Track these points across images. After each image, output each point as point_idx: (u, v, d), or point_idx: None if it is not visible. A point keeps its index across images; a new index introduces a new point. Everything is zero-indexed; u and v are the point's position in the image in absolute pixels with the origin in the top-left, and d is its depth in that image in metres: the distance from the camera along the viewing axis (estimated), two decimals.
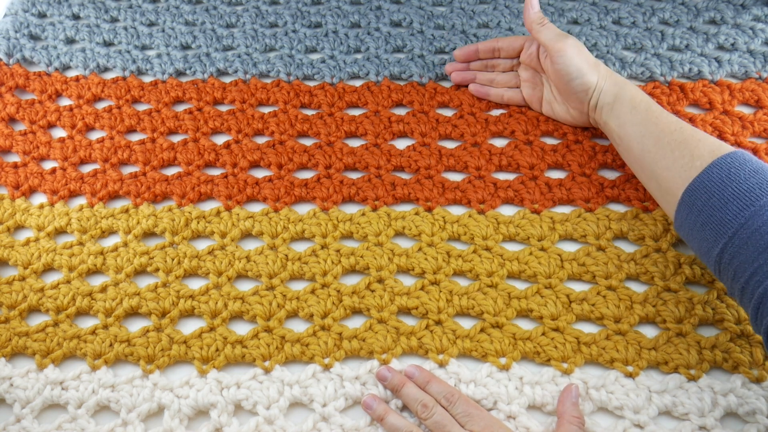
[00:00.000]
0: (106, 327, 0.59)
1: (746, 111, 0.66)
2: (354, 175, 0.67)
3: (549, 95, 0.66)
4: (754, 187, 0.47)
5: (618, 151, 0.61)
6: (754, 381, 0.52)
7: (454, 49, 0.73)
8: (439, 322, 0.57)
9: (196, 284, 0.61)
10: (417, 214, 0.63)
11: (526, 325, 0.57)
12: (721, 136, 0.64)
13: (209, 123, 0.70)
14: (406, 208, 0.64)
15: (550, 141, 0.67)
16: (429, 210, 0.63)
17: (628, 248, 0.60)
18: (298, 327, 0.58)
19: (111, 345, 0.57)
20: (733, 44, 0.70)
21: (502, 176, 0.66)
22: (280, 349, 0.57)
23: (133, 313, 0.60)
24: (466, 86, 0.71)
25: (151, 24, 0.79)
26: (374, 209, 0.64)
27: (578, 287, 0.59)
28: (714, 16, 0.73)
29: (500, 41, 0.68)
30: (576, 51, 0.60)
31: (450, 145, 0.68)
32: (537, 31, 0.61)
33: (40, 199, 0.67)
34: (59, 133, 0.72)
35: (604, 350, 0.55)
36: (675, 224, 0.53)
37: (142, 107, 0.72)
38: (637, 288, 0.58)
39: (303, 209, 0.65)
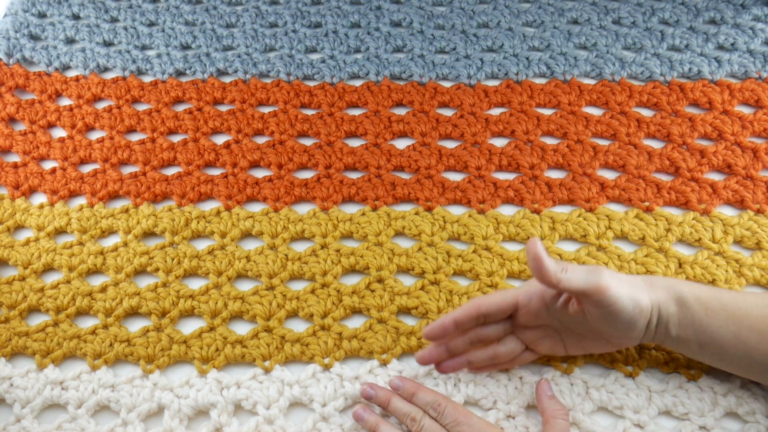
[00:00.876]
0: (106, 327, 0.59)
1: (746, 111, 0.66)
2: (354, 175, 0.67)
3: (572, 337, 0.51)
4: None
5: (704, 360, 0.50)
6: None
7: (455, 49, 0.73)
8: None
9: (196, 284, 0.61)
10: (417, 213, 0.63)
11: None
12: (721, 136, 0.64)
13: (209, 123, 0.70)
14: (406, 207, 0.64)
15: (550, 141, 0.67)
16: (429, 210, 0.63)
17: (628, 248, 0.60)
18: (298, 327, 0.58)
19: (111, 345, 0.57)
20: (733, 44, 0.70)
21: (503, 176, 0.66)
22: (280, 349, 0.57)
23: (133, 313, 0.60)
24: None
25: (151, 24, 0.79)
26: (374, 209, 0.64)
27: None
28: (714, 16, 0.73)
29: (482, 305, 0.50)
30: (617, 279, 0.46)
31: (450, 144, 0.68)
32: (566, 281, 0.44)
33: (40, 199, 0.67)
34: (59, 133, 0.72)
35: None
36: None
37: (142, 107, 0.72)
38: None
39: (303, 209, 0.65)
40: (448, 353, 0.52)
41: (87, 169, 0.68)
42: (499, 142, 0.67)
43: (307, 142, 0.69)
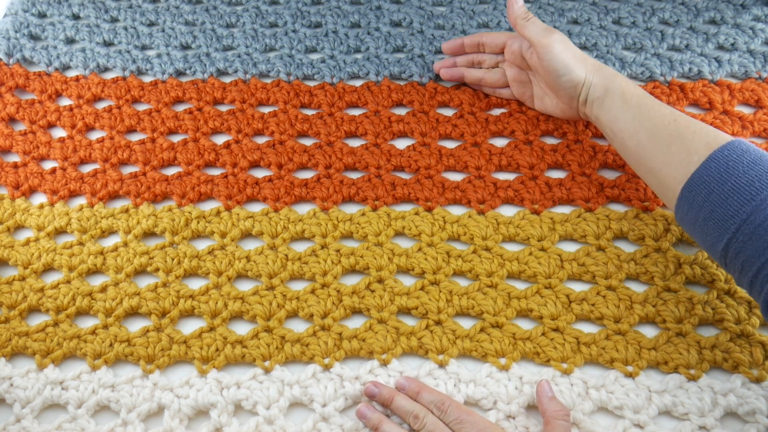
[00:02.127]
0: (106, 327, 0.59)
1: (746, 111, 0.66)
2: (354, 175, 0.67)
3: (539, 91, 0.65)
4: (754, 180, 0.46)
5: (612, 146, 0.60)
6: (754, 381, 0.52)
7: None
8: (439, 322, 0.57)
9: (196, 284, 0.61)
10: (417, 214, 0.63)
11: (525, 325, 0.57)
12: None
13: (209, 123, 0.70)
14: (406, 208, 0.64)
15: (550, 141, 0.67)
16: (429, 210, 0.63)
17: (628, 248, 0.60)
18: (298, 327, 0.58)
19: (111, 345, 0.57)
20: (733, 44, 0.70)
21: (502, 176, 0.66)
22: (280, 349, 0.57)
23: (133, 313, 0.60)
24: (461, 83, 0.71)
25: (151, 24, 0.79)
26: (374, 209, 0.64)
27: (578, 287, 0.59)
28: (714, 16, 0.73)
29: (484, 36, 0.67)
30: (563, 46, 0.59)
31: (450, 144, 0.68)
32: (522, 26, 0.60)
33: (40, 199, 0.67)
34: (59, 133, 0.72)
35: (604, 350, 0.55)
36: (676, 218, 0.53)
37: (142, 107, 0.72)
38: (637, 288, 0.58)
39: (303, 209, 0.65)
40: (453, 64, 0.70)
41: (87, 169, 0.68)
42: (499, 142, 0.67)
43: (307, 142, 0.69)
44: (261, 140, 0.69)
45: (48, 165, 0.69)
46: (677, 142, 0.51)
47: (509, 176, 0.66)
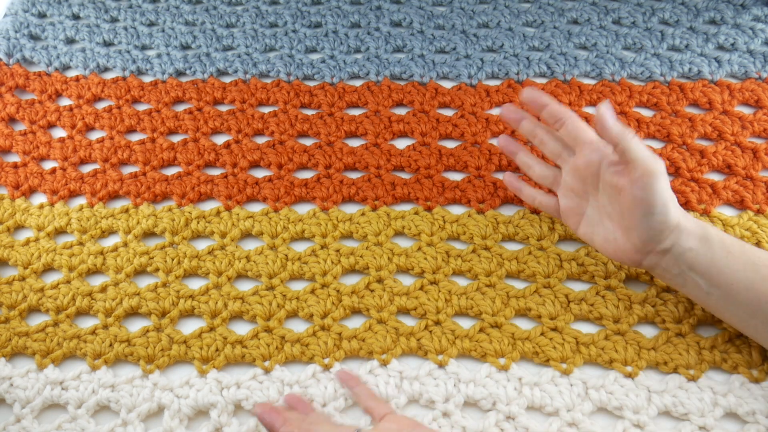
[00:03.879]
0: (106, 327, 0.59)
1: (746, 111, 0.66)
2: (354, 175, 0.67)
3: (594, 215, 0.53)
4: None
5: (702, 299, 0.51)
6: (753, 381, 0.52)
7: (455, 49, 0.73)
8: (438, 323, 0.57)
9: (196, 284, 0.61)
10: (416, 213, 0.63)
11: (524, 325, 0.57)
12: (721, 136, 0.64)
13: (209, 123, 0.70)
14: (405, 207, 0.64)
15: None
16: (428, 209, 0.63)
17: None
18: (298, 327, 0.59)
19: (111, 345, 0.57)
20: (733, 44, 0.70)
21: (502, 176, 0.66)
22: (280, 349, 0.57)
23: (133, 313, 0.60)
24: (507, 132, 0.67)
25: (151, 24, 0.79)
26: (374, 209, 0.64)
27: (577, 287, 0.59)
28: (714, 16, 0.73)
29: (570, 120, 0.54)
30: (666, 181, 0.47)
31: (450, 144, 0.68)
32: (629, 141, 0.47)
33: (40, 199, 0.68)
34: (59, 133, 0.72)
35: (603, 350, 0.55)
36: None
37: (142, 107, 0.73)
38: (637, 288, 0.58)
39: (303, 209, 0.65)
40: (516, 122, 0.59)
41: (87, 169, 0.69)
42: None
43: (307, 142, 0.69)
44: (261, 140, 0.69)
45: (48, 165, 0.69)
46: None
47: None
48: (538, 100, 0.56)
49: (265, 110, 0.71)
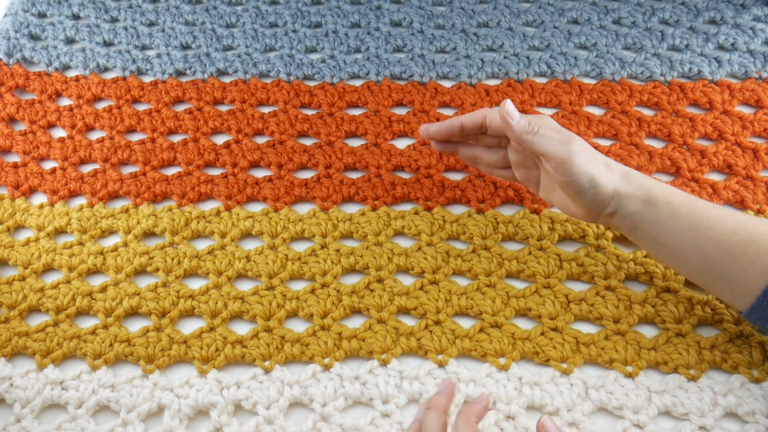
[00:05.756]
0: (106, 327, 0.59)
1: (746, 111, 0.66)
2: (354, 175, 0.67)
3: (547, 182, 0.55)
4: None
5: (653, 254, 0.53)
6: (753, 381, 0.52)
7: (455, 48, 0.73)
8: (438, 322, 0.57)
9: (196, 284, 0.61)
10: (416, 213, 0.63)
11: (524, 325, 0.57)
12: (721, 136, 0.64)
13: (209, 123, 0.70)
14: (405, 207, 0.64)
15: None
16: (428, 209, 0.63)
17: (627, 249, 0.60)
18: (298, 327, 0.59)
19: (111, 345, 0.57)
20: (733, 44, 0.70)
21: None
22: (280, 349, 0.57)
23: (133, 313, 0.60)
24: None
25: (151, 24, 0.79)
26: (374, 209, 0.64)
27: (577, 287, 0.59)
28: (714, 16, 0.73)
29: (488, 115, 0.55)
30: (585, 157, 0.49)
31: None
32: (531, 141, 0.50)
33: (40, 199, 0.68)
34: (59, 133, 0.72)
35: (603, 350, 0.55)
36: (749, 316, 0.49)
37: (142, 107, 0.73)
38: (636, 288, 0.58)
39: (303, 209, 0.65)
40: (451, 148, 0.60)
41: (87, 169, 0.69)
42: None
43: (307, 142, 0.69)
44: (261, 140, 0.69)
45: (48, 165, 0.69)
46: (754, 246, 0.47)
47: None
48: (451, 127, 0.57)
49: (265, 110, 0.71)
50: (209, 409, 0.54)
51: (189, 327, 0.59)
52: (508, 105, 0.51)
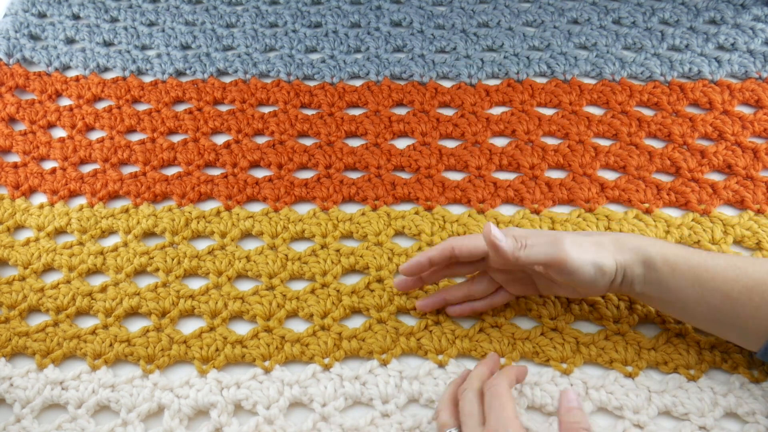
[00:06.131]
0: (106, 327, 0.59)
1: (746, 111, 0.66)
2: (354, 175, 0.67)
3: (544, 285, 0.55)
4: None
5: (663, 311, 0.54)
6: (753, 381, 0.52)
7: (455, 48, 0.73)
8: (438, 322, 0.57)
9: (196, 284, 0.61)
10: (417, 213, 0.63)
11: (524, 325, 0.57)
12: (721, 136, 0.64)
13: (209, 123, 0.70)
14: (406, 207, 0.64)
15: (551, 141, 0.67)
16: (429, 209, 0.63)
17: None
18: (298, 327, 0.59)
19: (111, 345, 0.57)
20: (733, 44, 0.70)
21: (503, 176, 0.66)
22: (280, 349, 0.57)
23: (133, 313, 0.60)
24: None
25: (151, 24, 0.79)
26: (374, 209, 0.64)
27: None
28: (714, 16, 0.73)
29: (456, 247, 0.53)
30: (578, 249, 0.48)
31: (450, 144, 0.68)
32: (527, 256, 0.48)
33: (40, 199, 0.68)
34: (59, 133, 0.72)
35: (603, 350, 0.55)
36: (762, 354, 0.49)
37: (142, 107, 0.72)
38: None
39: (303, 209, 0.65)
40: (422, 283, 0.57)
41: (87, 169, 0.69)
42: (500, 142, 0.67)
43: (307, 142, 0.69)
44: (261, 140, 0.69)
45: (48, 165, 0.69)
46: (758, 291, 0.47)
47: (510, 176, 0.65)
48: (419, 262, 0.54)
49: (265, 110, 0.71)
50: (209, 409, 0.54)
51: (189, 327, 0.59)
52: (494, 229, 0.48)
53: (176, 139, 0.70)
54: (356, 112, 0.71)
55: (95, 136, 0.71)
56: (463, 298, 0.57)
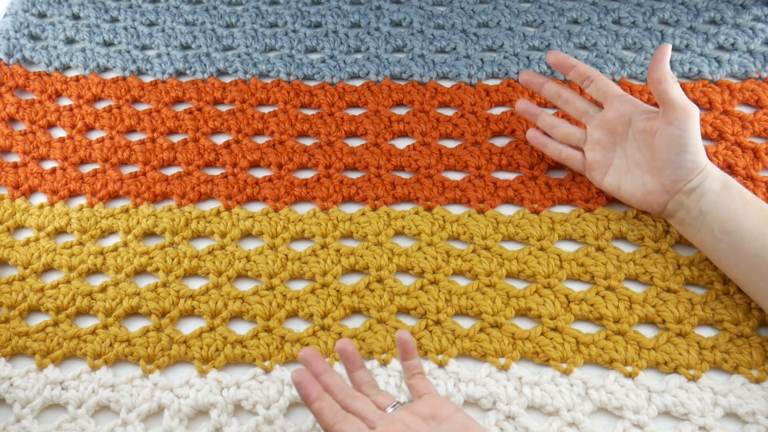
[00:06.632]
0: (106, 327, 0.59)
1: (746, 111, 0.66)
2: (354, 175, 0.67)
3: (621, 163, 0.57)
4: None
5: (710, 246, 0.53)
6: (753, 381, 0.52)
7: (455, 48, 0.73)
8: (438, 322, 0.57)
9: (196, 284, 0.61)
10: (417, 213, 0.63)
11: (525, 325, 0.57)
12: (721, 136, 0.64)
13: (209, 123, 0.70)
14: (405, 207, 0.64)
15: None
16: (429, 209, 0.63)
17: (627, 249, 0.60)
18: (298, 327, 0.59)
19: (111, 345, 0.57)
20: (733, 44, 0.70)
21: (502, 176, 0.66)
22: (280, 349, 0.57)
23: (133, 313, 0.60)
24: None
25: (151, 24, 0.79)
26: (374, 209, 0.64)
27: (577, 287, 0.59)
28: (714, 16, 0.73)
29: (599, 77, 0.58)
30: (699, 124, 0.52)
31: (450, 144, 0.68)
32: (670, 86, 0.51)
33: (40, 199, 0.68)
34: (59, 133, 0.72)
35: (604, 350, 0.55)
36: None
37: (142, 107, 0.73)
38: (637, 288, 0.58)
39: (303, 209, 0.65)
40: (539, 86, 0.62)
41: (87, 169, 0.69)
42: (500, 142, 0.67)
43: (307, 142, 0.69)
44: (261, 140, 0.69)
45: (48, 165, 0.69)
46: None
47: (509, 176, 0.66)
48: (566, 61, 0.60)
49: (265, 110, 0.71)
50: (209, 409, 0.54)
51: (189, 327, 0.59)
52: (669, 48, 0.52)
53: (176, 139, 0.70)
54: (356, 112, 0.71)
55: (95, 136, 0.71)
56: (548, 127, 0.62)
